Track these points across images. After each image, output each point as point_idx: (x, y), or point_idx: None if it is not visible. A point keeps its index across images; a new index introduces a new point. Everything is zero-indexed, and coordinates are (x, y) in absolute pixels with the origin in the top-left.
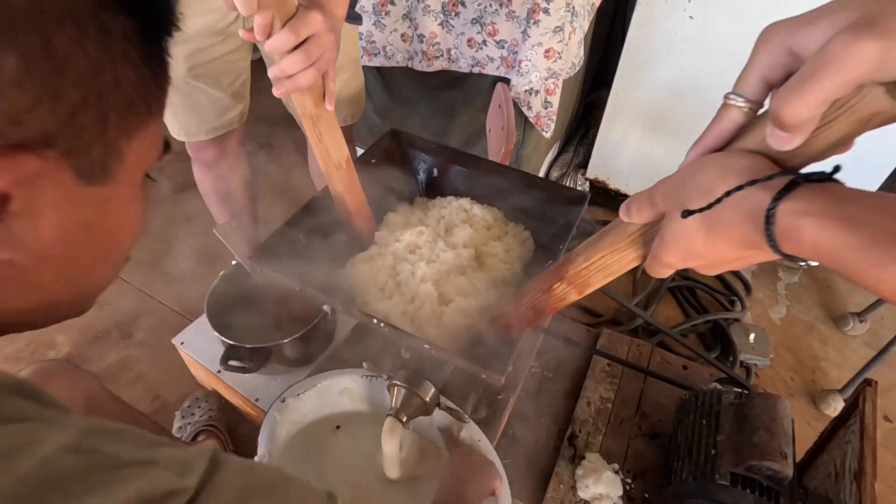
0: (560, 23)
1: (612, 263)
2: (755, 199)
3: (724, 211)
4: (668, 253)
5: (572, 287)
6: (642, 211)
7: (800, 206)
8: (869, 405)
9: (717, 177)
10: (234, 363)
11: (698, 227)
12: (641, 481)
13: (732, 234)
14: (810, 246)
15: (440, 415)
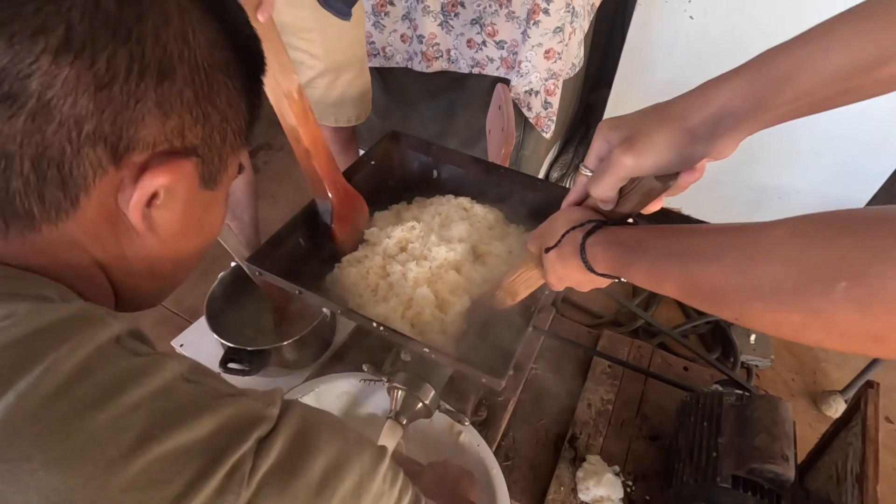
0: (560, 23)
1: (528, 279)
2: (576, 238)
3: (564, 247)
4: (549, 276)
5: (507, 295)
6: (532, 244)
7: (596, 239)
8: (871, 407)
9: (563, 224)
10: (233, 366)
11: (556, 259)
12: (642, 483)
13: (571, 262)
14: (602, 263)
15: (440, 417)
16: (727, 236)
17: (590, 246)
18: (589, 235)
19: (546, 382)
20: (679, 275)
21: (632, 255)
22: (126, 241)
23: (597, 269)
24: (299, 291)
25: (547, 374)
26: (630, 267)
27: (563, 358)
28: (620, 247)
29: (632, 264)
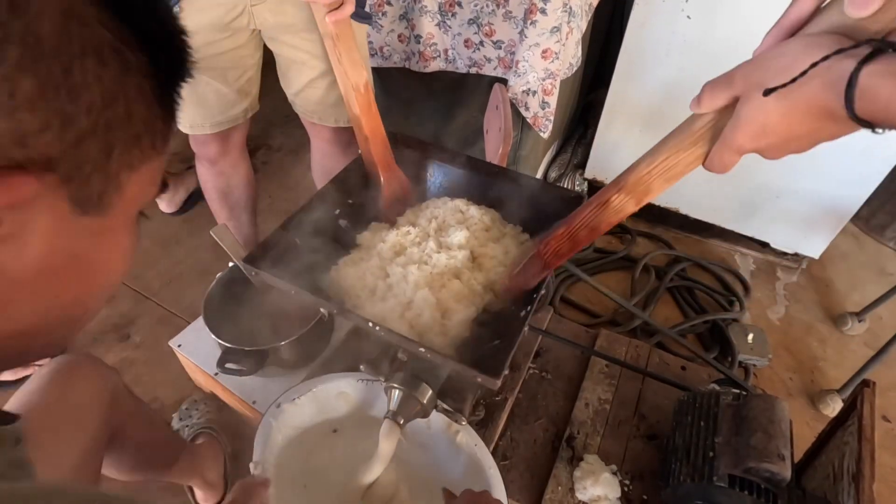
0: (557, 23)
1: (674, 165)
2: (840, 66)
3: (807, 82)
4: (741, 134)
5: (631, 196)
6: (716, 95)
7: (881, 68)
8: (867, 406)
9: (800, 53)
10: (230, 366)
11: (777, 103)
12: (640, 483)
13: (811, 103)
14: (884, 104)
15: (437, 417)
16: None
17: (869, 76)
18: (869, 60)
19: (543, 382)
20: None
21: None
22: None
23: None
24: (295, 291)
25: (544, 374)
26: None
27: (561, 357)
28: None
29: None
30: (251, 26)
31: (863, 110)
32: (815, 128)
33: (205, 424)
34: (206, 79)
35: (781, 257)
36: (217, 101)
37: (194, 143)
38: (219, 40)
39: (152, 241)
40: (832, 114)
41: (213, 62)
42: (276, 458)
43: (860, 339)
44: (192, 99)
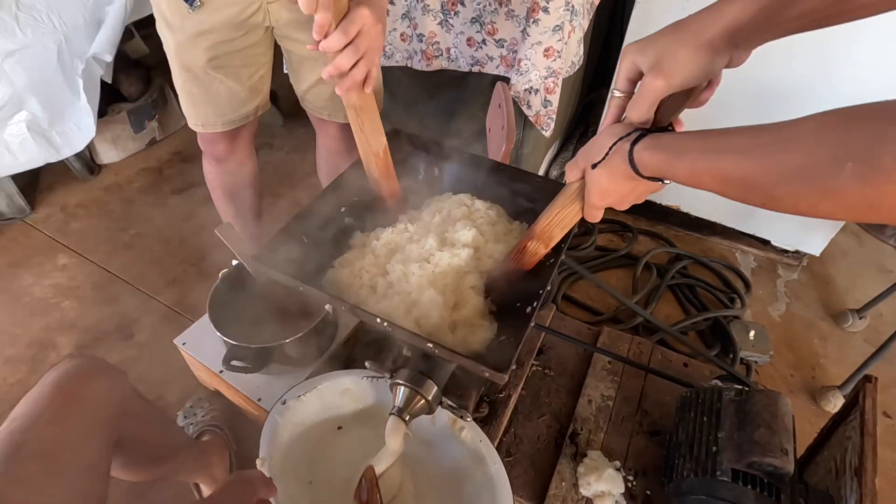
0: (559, 21)
1: (564, 217)
2: (624, 147)
3: (612, 158)
4: (591, 196)
5: (541, 242)
6: (573, 172)
7: (642, 145)
8: (869, 401)
9: (608, 139)
10: (236, 363)
11: (602, 172)
12: (643, 478)
13: (619, 170)
14: (650, 167)
15: (442, 413)
16: (759, 133)
17: (637, 152)
18: (636, 143)
19: (547, 379)
20: (717, 170)
21: (675, 157)
22: None
23: (644, 173)
24: (303, 288)
25: (547, 371)
26: (674, 167)
27: (564, 355)
28: (664, 150)
29: (675, 165)
30: (266, 23)
31: (644, 172)
32: (631, 186)
33: (210, 422)
34: (221, 77)
35: (782, 255)
36: (229, 100)
37: (202, 141)
38: (234, 38)
39: (155, 241)
40: (632, 176)
41: (228, 60)
42: (282, 454)
43: (861, 336)
44: (204, 97)
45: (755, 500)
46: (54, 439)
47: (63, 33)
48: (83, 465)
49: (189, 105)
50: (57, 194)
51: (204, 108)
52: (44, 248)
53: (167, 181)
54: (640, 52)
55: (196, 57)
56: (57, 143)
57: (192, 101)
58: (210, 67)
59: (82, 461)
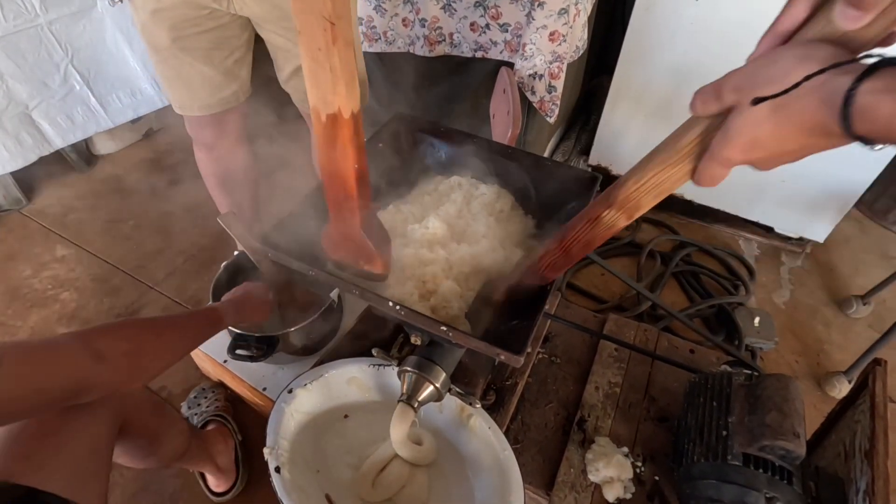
0: (565, 5)
1: (663, 181)
2: (835, 82)
3: (801, 95)
4: (730, 146)
5: (622, 212)
6: (708, 104)
7: (880, 84)
8: (879, 384)
9: (794, 63)
10: (241, 352)
11: (768, 115)
12: (651, 464)
13: (805, 118)
14: (884, 122)
15: (450, 400)
16: None
17: (866, 93)
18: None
19: (553, 366)
20: None
21: None
22: None
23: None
24: (314, 272)
25: (554, 358)
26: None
27: (570, 342)
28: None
29: None
30: (230, 10)
31: (861, 128)
32: (808, 142)
33: (214, 412)
34: (189, 60)
35: (786, 242)
36: (203, 84)
37: (189, 126)
38: (196, 17)
39: (154, 232)
40: (827, 130)
41: (194, 42)
42: (289, 443)
43: (864, 322)
44: (177, 80)
45: (767, 483)
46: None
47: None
48: (88, 447)
49: (166, 87)
50: (54, 185)
51: (178, 91)
52: (41, 239)
53: (165, 172)
54: None
55: (160, 37)
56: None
57: (168, 84)
58: (177, 49)
59: (87, 442)
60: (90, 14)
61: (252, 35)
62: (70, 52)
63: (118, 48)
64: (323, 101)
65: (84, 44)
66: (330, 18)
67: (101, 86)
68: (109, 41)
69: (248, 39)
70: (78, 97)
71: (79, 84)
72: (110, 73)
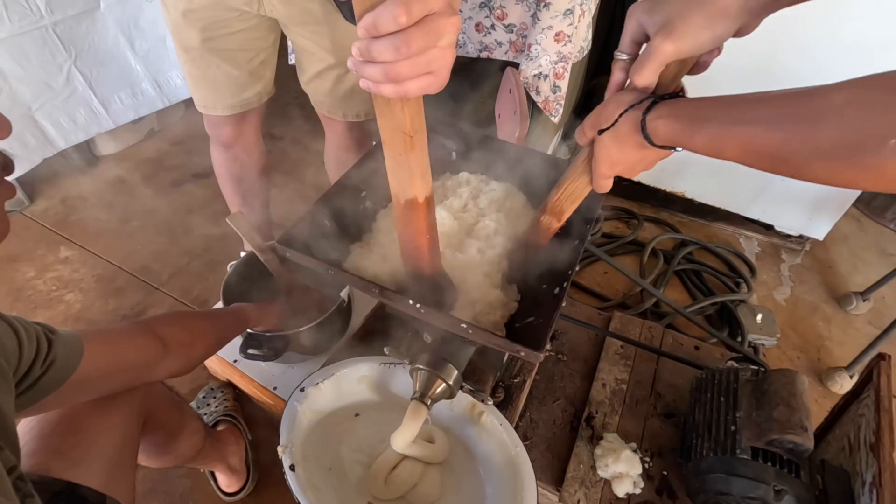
0: (570, 5)
1: (574, 190)
2: (636, 115)
3: (621, 126)
4: (599, 166)
5: (553, 216)
6: (582, 137)
7: (656, 113)
8: (884, 378)
9: (616, 107)
10: (252, 351)
11: (610, 141)
12: (659, 459)
13: (629, 138)
14: (665, 136)
15: (461, 398)
16: (786, 103)
17: (650, 121)
18: (649, 111)
19: (560, 363)
20: (742, 141)
21: (694, 126)
22: None
23: (657, 143)
24: (332, 271)
25: (560, 356)
26: (692, 138)
27: (576, 340)
28: (682, 118)
29: (694, 135)
30: (260, 11)
31: (658, 141)
32: (642, 155)
33: (224, 412)
34: (217, 61)
35: (786, 239)
36: (228, 84)
37: (208, 125)
38: (226, 19)
39: (158, 232)
40: (643, 144)
41: (223, 43)
42: (301, 441)
43: (864, 319)
44: (203, 79)
45: (775, 476)
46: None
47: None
48: (117, 442)
49: (191, 86)
50: (56, 186)
51: (203, 91)
52: (44, 240)
53: (168, 172)
54: (649, 12)
55: (190, 37)
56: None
57: (194, 83)
58: (206, 49)
59: (117, 438)
60: (93, 15)
61: (279, 36)
62: (73, 54)
63: (120, 49)
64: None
65: (87, 45)
66: (409, 133)
67: (104, 86)
68: (111, 42)
69: (275, 41)
70: (80, 98)
71: (81, 85)
72: (112, 73)
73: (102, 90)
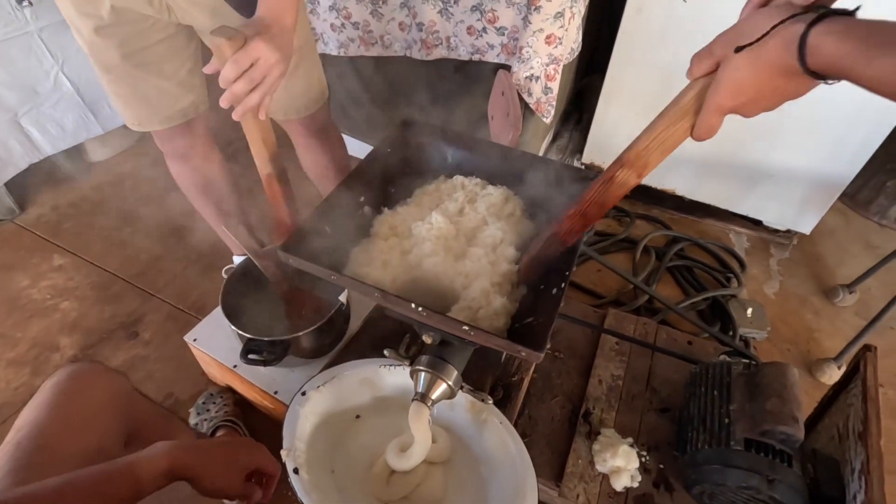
0: (561, 8)
1: (668, 137)
2: (794, 28)
3: (770, 41)
4: (720, 93)
5: (633, 170)
6: (702, 62)
7: (823, 29)
8: (870, 369)
9: (765, 18)
10: (253, 357)
11: (747, 60)
12: (656, 453)
13: (774, 59)
14: (828, 57)
15: (460, 398)
16: None
17: (815, 36)
18: (815, 23)
19: (557, 361)
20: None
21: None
22: None
23: (813, 66)
24: (335, 277)
25: (557, 353)
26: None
27: (572, 337)
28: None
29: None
30: (174, 20)
31: (813, 64)
32: (779, 84)
33: (224, 417)
34: (143, 75)
35: (774, 234)
36: (160, 97)
37: (160, 140)
38: (142, 31)
39: (154, 240)
40: (791, 69)
41: (144, 56)
42: (304, 444)
43: (851, 310)
44: (133, 97)
45: (769, 466)
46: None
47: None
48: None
49: (121, 105)
50: (47, 194)
51: (136, 108)
52: (37, 249)
53: (160, 177)
54: None
55: (110, 56)
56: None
57: (124, 102)
58: (129, 65)
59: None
60: None
61: (199, 45)
62: (60, 59)
63: None
64: None
65: (75, 51)
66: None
67: (92, 92)
68: None
69: (196, 49)
70: (68, 104)
71: (69, 91)
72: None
73: (91, 96)
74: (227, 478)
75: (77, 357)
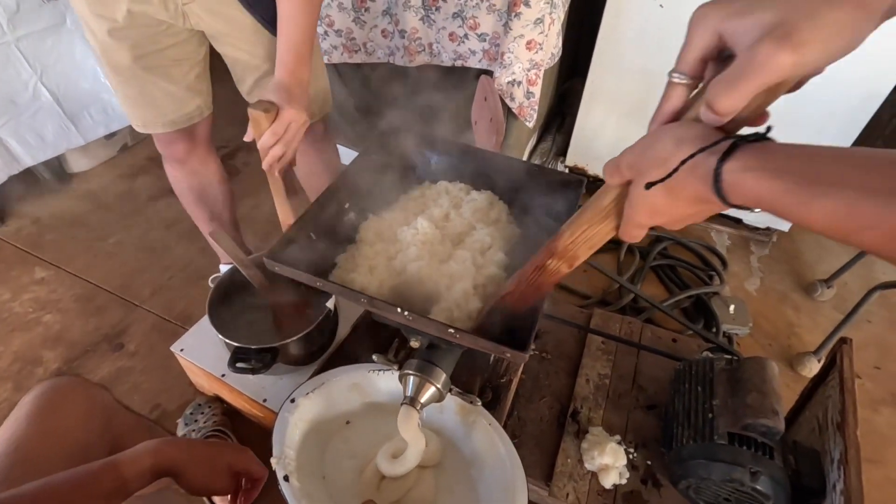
0: (541, 14)
1: (593, 235)
2: (705, 163)
3: (680, 176)
4: (636, 214)
5: (563, 261)
6: (613, 177)
7: (740, 164)
8: (846, 361)
9: (672, 147)
10: (241, 365)
11: (659, 192)
12: (643, 450)
13: (688, 194)
14: (752, 196)
15: (449, 401)
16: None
17: (730, 173)
18: (727, 158)
19: (544, 362)
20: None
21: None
22: None
23: (735, 201)
24: (320, 283)
25: (544, 354)
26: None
27: (559, 338)
28: (788, 176)
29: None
30: (187, 26)
31: (737, 199)
32: (699, 209)
33: (212, 427)
34: (152, 78)
35: (754, 232)
36: (166, 101)
37: (159, 143)
38: (156, 35)
39: (137, 249)
40: (709, 199)
41: (155, 60)
42: (294, 451)
43: (830, 305)
44: (142, 99)
45: (751, 458)
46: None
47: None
48: None
49: (128, 107)
50: (27, 206)
51: (142, 110)
52: (18, 262)
53: (144, 187)
54: (738, 14)
55: (121, 57)
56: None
57: (132, 103)
58: (139, 68)
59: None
60: (59, 30)
61: (208, 50)
62: (39, 70)
63: (88, 64)
64: None
65: (53, 60)
66: None
67: (72, 102)
68: (79, 57)
69: (206, 55)
70: (48, 114)
71: (48, 101)
72: (81, 89)
73: (71, 106)
74: (211, 475)
75: (61, 370)
